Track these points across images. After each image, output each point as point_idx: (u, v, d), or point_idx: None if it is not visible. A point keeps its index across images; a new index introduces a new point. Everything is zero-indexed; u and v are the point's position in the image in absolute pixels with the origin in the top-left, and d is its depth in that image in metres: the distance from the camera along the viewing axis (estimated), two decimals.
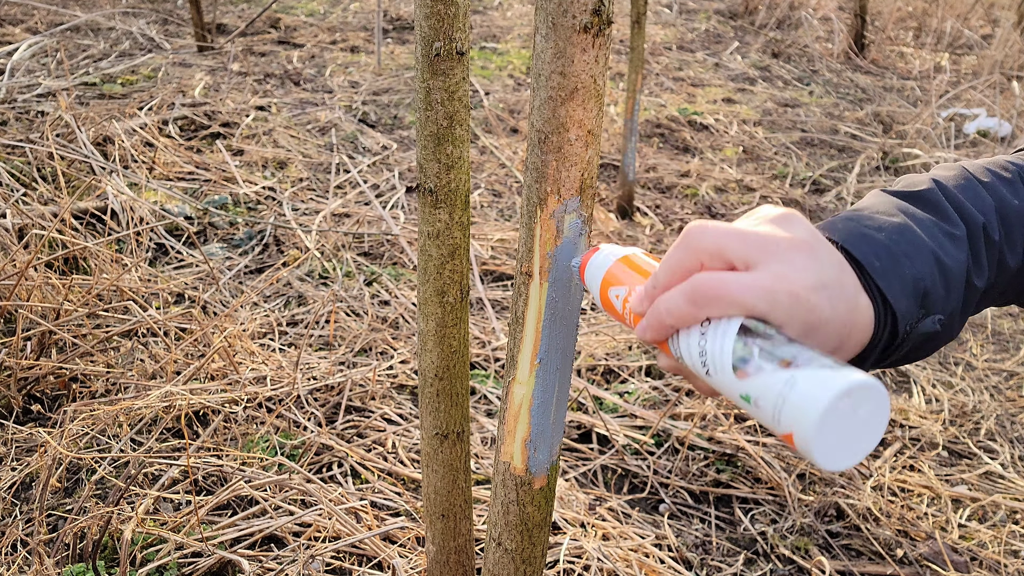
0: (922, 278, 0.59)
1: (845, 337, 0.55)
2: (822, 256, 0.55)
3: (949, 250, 0.62)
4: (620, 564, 1.55)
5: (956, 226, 0.64)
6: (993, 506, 1.90)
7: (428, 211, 0.95)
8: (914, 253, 0.60)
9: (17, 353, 1.92)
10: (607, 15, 0.61)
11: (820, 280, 0.54)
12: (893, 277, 0.58)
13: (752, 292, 0.53)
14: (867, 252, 0.59)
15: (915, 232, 0.61)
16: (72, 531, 1.50)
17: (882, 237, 0.60)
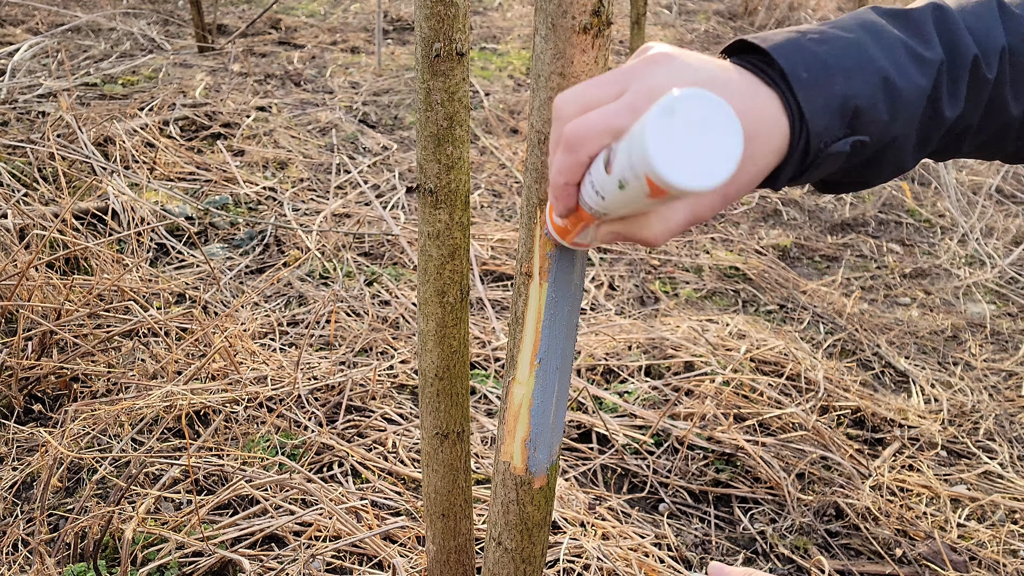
0: (855, 96, 0.56)
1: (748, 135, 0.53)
2: (689, 62, 0.54)
3: (908, 72, 0.58)
4: (620, 563, 1.56)
5: (930, 49, 0.60)
6: (992, 506, 1.91)
7: (428, 211, 0.95)
8: (854, 70, 0.57)
9: (18, 353, 1.93)
10: (606, 16, 0.61)
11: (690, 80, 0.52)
12: (817, 91, 0.55)
13: (613, 114, 0.51)
14: (796, 62, 0.56)
15: (865, 49, 0.58)
16: (73, 531, 1.51)
17: (821, 50, 0.57)
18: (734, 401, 2.13)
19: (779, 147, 0.56)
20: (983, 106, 0.63)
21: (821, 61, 0.56)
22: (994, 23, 0.63)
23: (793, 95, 0.55)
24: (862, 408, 2.20)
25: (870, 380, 2.41)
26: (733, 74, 0.55)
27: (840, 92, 0.56)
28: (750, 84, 0.55)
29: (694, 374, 2.23)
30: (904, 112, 0.59)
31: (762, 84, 0.56)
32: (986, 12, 0.63)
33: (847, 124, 0.57)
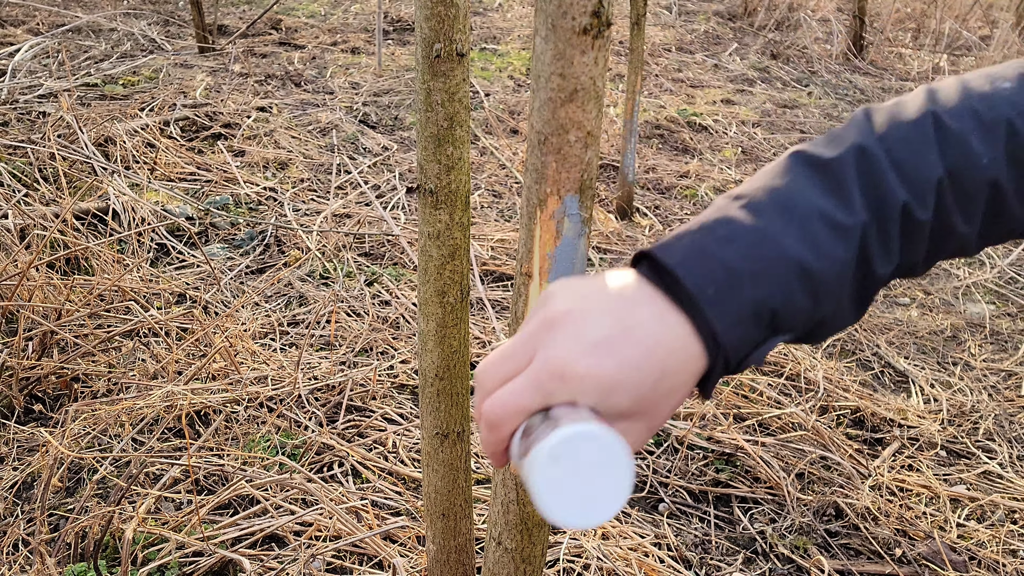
0: (768, 299, 0.54)
1: (661, 374, 0.53)
2: (587, 318, 0.53)
3: (826, 250, 0.55)
4: (619, 563, 1.56)
5: (851, 211, 0.56)
6: (991, 505, 1.91)
7: (428, 212, 0.95)
8: (765, 270, 0.54)
9: (19, 353, 1.93)
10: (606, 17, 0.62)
11: (586, 343, 0.52)
12: (726, 305, 0.53)
13: (519, 394, 0.52)
14: (702, 277, 0.53)
15: (776, 239, 0.55)
16: (73, 530, 1.51)
17: (728, 254, 0.54)
18: (734, 401, 2.13)
19: (697, 369, 0.55)
20: (925, 243, 0.59)
21: (728, 269, 0.54)
22: (927, 150, 0.58)
23: (703, 315, 0.53)
24: (862, 408, 2.21)
25: (870, 380, 2.41)
26: (639, 309, 0.54)
27: (751, 299, 0.53)
28: (658, 314, 0.54)
29: None
30: (828, 292, 0.56)
31: (671, 309, 0.54)
32: (919, 137, 0.58)
33: (766, 327, 0.55)
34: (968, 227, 0.59)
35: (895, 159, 0.58)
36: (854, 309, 0.59)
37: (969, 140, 0.57)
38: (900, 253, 0.58)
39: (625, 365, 0.51)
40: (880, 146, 0.58)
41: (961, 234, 0.60)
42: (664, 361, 0.52)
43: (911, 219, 0.57)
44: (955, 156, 0.57)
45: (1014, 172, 0.58)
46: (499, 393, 0.52)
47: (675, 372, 0.53)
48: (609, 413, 0.52)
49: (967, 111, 0.58)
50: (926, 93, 0.61)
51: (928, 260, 0.61)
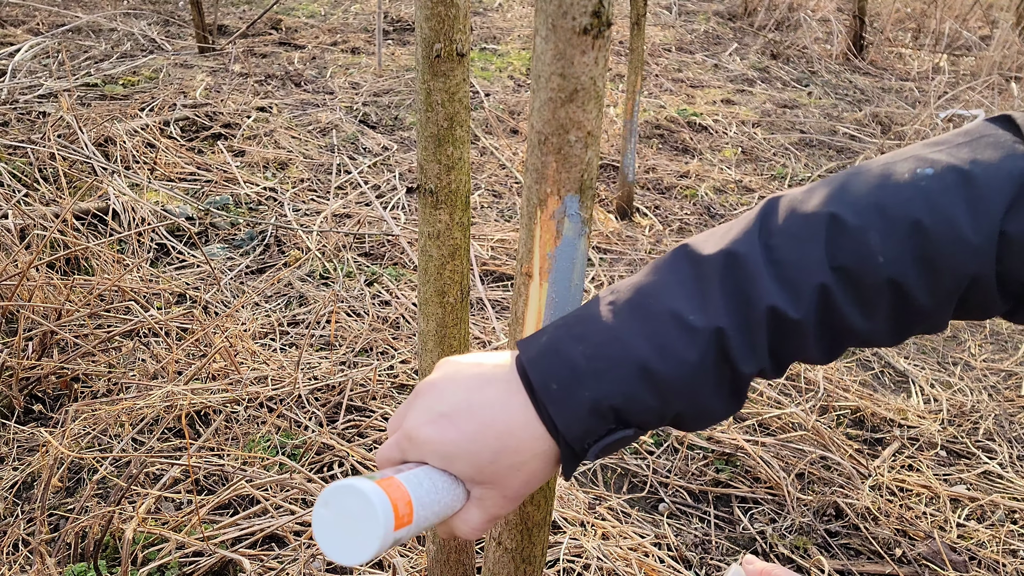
0: (606, 398, 0.56)
1: (499, 450, 0.58)
2: (446, 391, 0.60)
3: (673, 353, 0.56)
4: (620, 563, 1.56)
5: (705, 314, 0.56)
6: (992, 505, 1.91)
7: (428, 212, 0.95)
8: (606, 370, 0.56)
9: (19, 353, 1.93)
10: (607, 17, 0.62)
11: (435, 412, 0.59)
12: (565, 401, 0.57)
13: (387, 447, 0.62)
14: (547, 373, 0.57)
15: (624, 340, 0.57)
16: (73, 530, 1.51)
17: (576, 352, 0.57)
18: None
19: (543, 450, 0.59)
20: (810, 340, 0.58)
21: (572, 367, 0.57)
22: (813, 248, 0.56)
23: (544, 409, 0.58)
24: (862, 408, 2.21)
25: (870, 380, 2.41)
26: (490, 388, 0.59)
27: (590, 397, 0.56)
28: (504, 396, 0.59)
29: None
30: (677, 391, 0.57)
31: (520, 392, 0.59)
32: (808, 235, 0.56)
33: (609, 421, 0.58)
34: (866, 324, 0.58)
35: (776, 258, 0.57)
36: (725, 403, 0.59)
37: (867, 237, 0.55)
38: (770, 354, 0.58)
39: (463, 437, 0.58)
40: (764, 243, 0.57)
41: (860, 330, 0.58)
42: (502, 439, 0.58)
43: (782, 321, 0.56)
44: (848, 254, 0.56)
45: (920, 271, 0.55)
46: (383, 445, 0.62)
47: (516, 450, 0.58)
48: (461, 477, 0.59)
49: (872, 206, 0.56)
50: (841, 182, 0.59)
51: (830, 353, 0.60)
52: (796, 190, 0.61)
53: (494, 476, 0.59)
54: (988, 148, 0.56)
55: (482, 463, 0.58)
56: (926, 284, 0.56)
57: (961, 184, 0.55)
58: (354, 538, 0.52)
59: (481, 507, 0.61)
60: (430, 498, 0.57)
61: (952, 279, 0.56)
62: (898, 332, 0.59)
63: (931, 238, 0.55)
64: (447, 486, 0.59)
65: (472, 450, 0.58)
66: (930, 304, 0.57)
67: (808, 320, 0.56)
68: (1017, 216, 0.54)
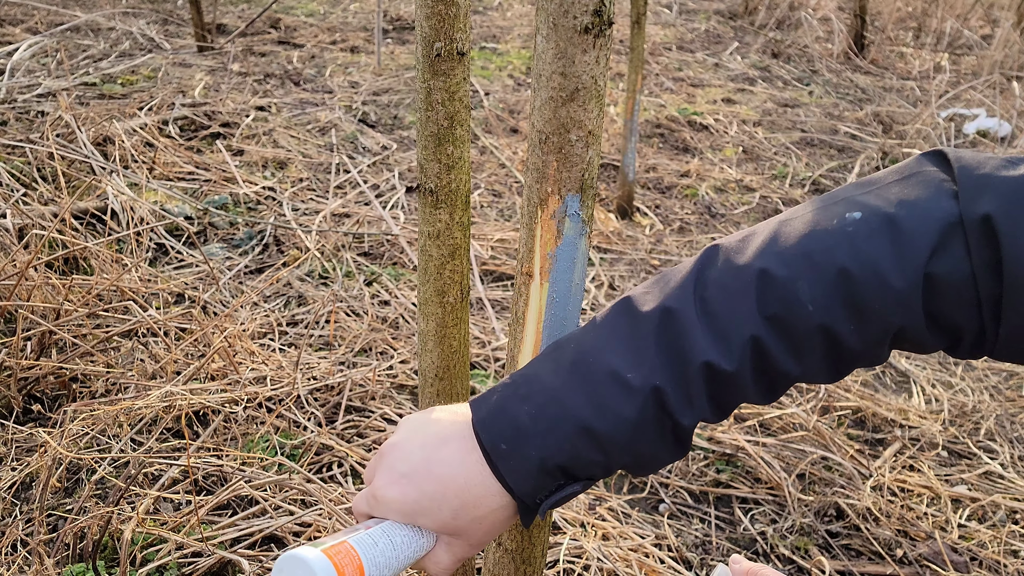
0: (552, 456, 0.59)
1: (459, 506, 0.61)
2: (404, 450, 0.63)
3: (611, 411, 0.58)
4: (620, 564, 1.55)
5: (641, 372, 0.58)
6: (993, 506, 1.90)
7: (428, 211, 0.95)
8: (549, 430, 0.58)
9: (17, 353, 1.92)
10: (608, 16, 0.61)
11: (397, 473, 0.62)
12: (514, 460, 0.59)
13: (358, 503, 0.65)
14: (495, 436, 0.60)
15: (564, 401, 0.59)
16: (72, 531, 1.50)
17: (522, 412, 0.59)
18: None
19: (500, 504, 0.62)
20: (747, 388, 0.59)
21: (518, 428, 0.59)
22: (745, 300, 0.57)
23: (495, 467, 0.60)
24: (863, 408, 2.20)
25: (871, 380, 2.41)
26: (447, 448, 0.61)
27: (536, 456, 0.59)
28: (461, 455, 0.61)
29: None
30: (618, 446, 0.59)
31: (475, 450, 0.61)
32: (740, 288, 0.57)
33: (558, 478, 0.60)
34: (800, 368, 0.59)
35: (709, 311, 0.58)
36: (670, 452, 0.61)
37: (795, 286, 0.56)
38: (709, 405, 0.59)
39: (423, 496, 0.61)
40: (698, 296, 0.59)
41: (796, 374, 0.59)
42: (461, 496, 0.60)
43: (716, 373, 0.57)
44: (777, 304, 0.56)
45: (849, 317, 0.56)
46: (357, 496, 0.66)
47: (475, 506, 0.61)
48: (426, 529, 0.63)
49: (800, 255, 0.57)
50: (773, 230, 0.60)
51: (769, 395, 0.61)
52: (733, 239, 0.62)
53: (456, 529, 0.62)
54: (917, 187, 0.56)
55: (444, 519, 0.61)
56: (856, 329, 0.57)
57: (886, 229, 0.55)
58: None
59: (449, 552, 0.64)
60: (385, 557, 0.60)
61: (880, 325, 0.56)
62: (835, 372, 0.60)
63: (857, 285, 0.55)
64: (408, 540, 0.62)
65: (433, 508, 0.61)
66: (861, 347, 0.58)
67: (743, 370, 0.58)
68: (942, 258, 0.53)
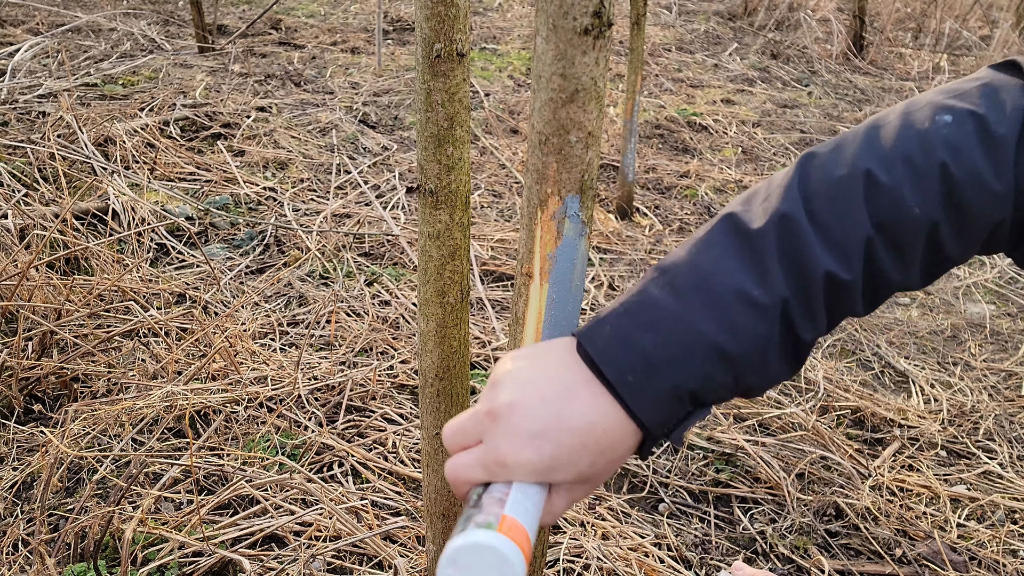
0: (685, 383, 0.57)
1: (598, 452, 0.58)
2: (529, 408, 0.58)
3: (744, 330, 0.57)
4: (620, 563, 1.56)
5: (769, 288, 0.57)
6: (992, 506, 1.91)
7: (428, 212, 0.95)
8: (682, 357, 0.57)
9: (18, 353, 1.93)
10: (608, 17, 0.61)
11: (527, 434, 0.57)
12: (644, 392, 0.57)
13: (469, 468, 0.60)
14: (621, 368, 0.57)
15: (693, 323, 0.57)
16: (73, 530, 1.51)
17: (647, 340, 0.57)
18: (734, 401, 2.13)
19: (633, 442, 0.60)
20: (857, 299, 0.59)
21: (646, 357, 0.57)
22: (854, 209, 0.57)
23: (624, 402, 0.58)
24: (862, 408, 2.21)
25: (870, 380, 2.41)
26: (575, 397, 0.58)
27: (669, 385, 0.57)
28: (591, 401, 0.58)
29: None
30: (750, 367, 0.58)
31: (603, 393, 0.58)
32: (846, 196, 0.58)
33: (688, 404, 0.59)
34: (903, 275, 0.59)
35: (820, 221, 0.58)
36: (788, 369, 0.61)
37: (901, 191, 0.57)
38: (827, 316, 0.59)
39: (563, 451, 0.57)
40: (806, 209, 0.58)
41: (898, 281, 0.60)
42: (599, 442, 0.58)
43: (836, 284, 0.58)
44: (886, 210, 0.57)
45: (951, 215, 0.57)
46: (455, 462, 0.61)
47: (612, 448, 0.59)
48: (559, 482, 0.59)
49: (901, 158, 0.57)
50: (866, 135, 0.60)
51: (872, 305, 0.62)
52: (824, 148, 0.62)
53: (592, 475, 0.59)
54: (999, 92, 0.58)
55: (582, 469, 0.58)
56: (957, 232, 0.58)
57: (979, 131, 0.57)
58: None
59: (568, 498, 0.61)
60: (533, 520, 0.57)
61: (980, 225, 0.58)
62: (929, 277, 0.62)
63: (960, 186, 0.56)
64: (539, 496, 0.59)
65: (572, 460, 0.58)
66: (959, 249, 0.60)
67: (857, 279, 0.58)
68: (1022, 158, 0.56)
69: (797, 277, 0.57)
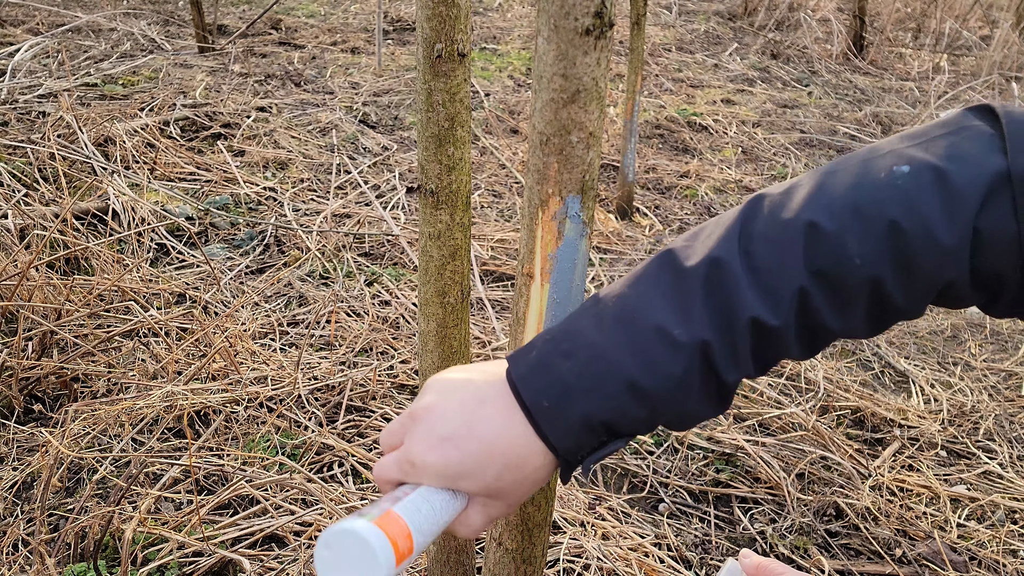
0: (597, 413, 0.58)
1: (504, 467, 0.59)
2: (441, 413, 0.60)
3: (657, 367, 0.57)
4: (620, 563, 1.56)
5: (689, 328, 0.57)
6: (992, 506, 1.91)
7: (429, 212, 0.95)
8: (595, 388, 0.58)
9: (19, 353, 1.93)
10: (609, 18, 0.61)
11: (436, 437, 0.59)
12: (557, 418, 0.58)
13: (387, 468, 0.62)
14: (537, 393, 0.59)
15: (609, 357, 0.58)
16: (73, 530, 1.51)
17: (565, 368, 0.59)
18: (734, 401, 2.13)
19: (543, 463, 0.61)
20: (788, 344, 0.59)
21: (563, 384, 0.58)
22: (793, 253, 0.56)
23: (538, 425, 0.59)
24: (862, 408, 2.21)
25: (870, 380, 2.41)
26: (488, 408, 0.60)
27: (581, 413, 0.58)
28: (503, 415, 0.60)
29: None
30: (665, 402, 0.58)
31: (517, 410, 0.60)
32: (787, 240, 0.57)
33: (601, 434, 0.60)
34: (843, 324, 0.59)
35: (755, 265, 0.57)
36: (712, 408, 0.61)
37: (843, 240, 0.56)
38: (753, 361, 0.59)
39: (467, 459, 0.59)
40: (743, 250, 0.58)
41: (838, 329, 0.59)
42: (505, 455, 0.59)
43: (762, 329, 0.57)
44: (825, 259, 0.56)
45: (896, 268, 0.56)
46: (379, 462, 0.63)
47: (519, 466, 0.60)
48: (465, 492, 0.61)
49: (848, 208, 0.56)
50: (819, 181, 0.59)
51: (810, 350, 0.61)
52: (776, 189, 0.61)
53: (498, 491, 0.61)
54: (966, 141, 0.56)
55: (487, 481, 0.60)
56: (902, 285, 0.57)
57: (936, 183, 0.55)
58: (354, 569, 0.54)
59: (483, 512, 0.63)
60: (428, 523, 0.58)
61: (927, 281, 0.56)
62: (875, 327, 0.61)
63: (907, 239, 0.55)
64: (446, 503, 0.61)
65: (477, 470, 0.59)
66: (906, 303, 0.58)
67: (788, 325, 0.57)
68: (989, 213, 0.54)
69: (722, 319, 0.57)
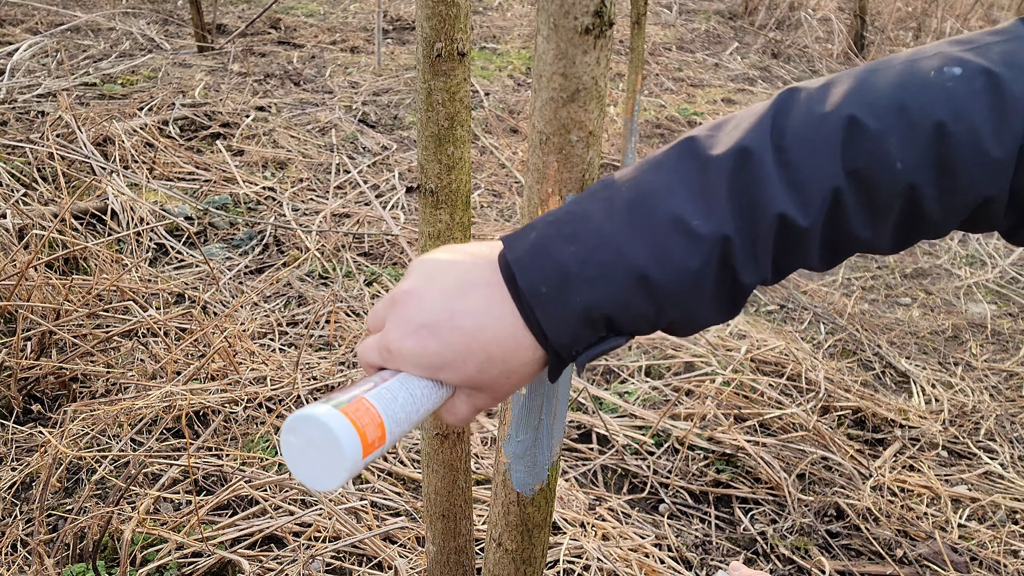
0: (600, 306, 0.53)
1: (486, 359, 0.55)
2: (421, 298, 0.56)
3: (672, 260, 0.53)
4: (620, 564, 1.55)
5: (710, 220, 0.53)
6: (993, 506, 1.91)
7: (429, 212, 0.95)
8: (600, 277, 0.53)
9: (17, 353, 1.92)
10: (609, 17, 0.61)
11: (414, 324, 0.55)
12: (555, 306, 0.53)
13: (369, 350, 0.59)
14: (537, 274, 0.53)
15: (619, 245, 0.53)
16: (72, 531, 1.50)
17: (568, 254, 0.53)
18: (734, 401, 2.13)
19: (531, 358, 0.56)
20: (811, 249, 0.55)
21: (563, 271, 0.53)
22: (830, 150, 0.52)
23: (532, 314, 0.54)
24: (863, 408, 2.20)
25: (871, 380, 2.41)
26: (472, 295, 0.55)
27: (581, 304, 0.53)
28: (487, 304, 0.55)
29: (694, 374, 2.23)
30: (675, 299, 0.54)
31: (504, 300, 0.55)
32: (823, 138, 0.53)
33: (600, 329, 0.55)
34: (871, 232, 0.55)
35: (787, 159, 0.53)
36: (722, 312, 0.57)
37: (886, 141, 0.52)
38: (773, 263, 0.55)
39: (447, 349, 0.55)
40: (775, 144, 0.53)
41: (864, 239, 0.55)
42: (488, 349, 0.55)
43: (789, 228, 0.53)
44: (865, 159, 0.52)
45: (938, 176, 0.52)
46: (363, 344, 0.60)
47: (504, 359, 0.55)
48: (447, 383, 0.57)
49: (894, 107, 0.52)
50: (861, 77, 0.55)
51: (830, 261, 0.57)
52: (812, 83, 0.57)
53: (481, 383, 0.56)
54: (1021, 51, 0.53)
55: (469, 373, 0.55)
56: (940, 197, 0.53)
57: (989, 90, 0.51)
58: (322, 466, 0.51)
59: (469, 403, 0.59)
60: (406, 412, 0.55)
61: (966, 195, 0.53)
62: (900, 242, 0.57)
63: (952, 146, 0.51)
64: (427, 392, 0.57)
65: (457, 361, 0.55)
66: (939, 216, 0.54)
67: (815, 227, 0.53)
68: None
69: (747, 214, 0.53)
